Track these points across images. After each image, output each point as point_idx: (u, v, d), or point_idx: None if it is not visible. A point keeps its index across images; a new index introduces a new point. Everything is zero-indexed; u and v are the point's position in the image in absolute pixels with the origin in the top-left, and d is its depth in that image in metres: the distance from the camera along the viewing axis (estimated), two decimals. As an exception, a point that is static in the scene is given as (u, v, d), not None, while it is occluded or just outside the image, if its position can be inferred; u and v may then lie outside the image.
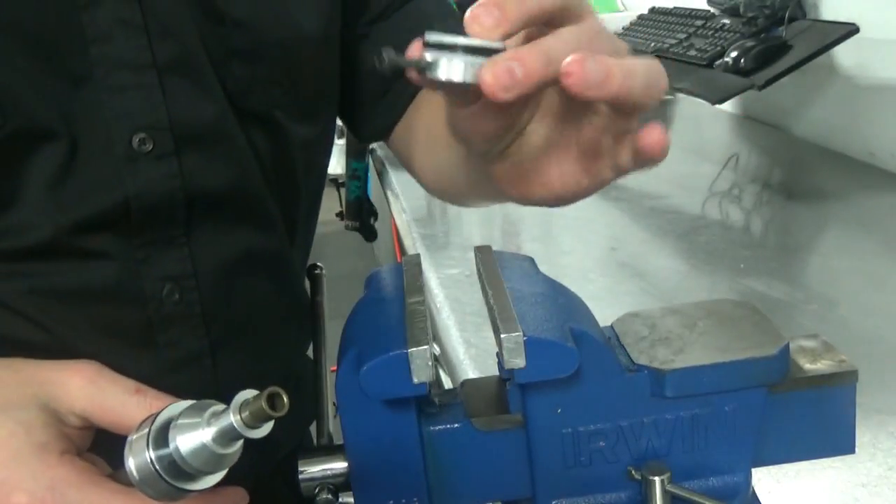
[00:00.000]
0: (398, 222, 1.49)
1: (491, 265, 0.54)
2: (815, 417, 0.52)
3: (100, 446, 0.50)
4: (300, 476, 0.53)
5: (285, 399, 0.38)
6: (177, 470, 0.40)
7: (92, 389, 0.47)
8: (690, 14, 1.73)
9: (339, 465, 0.52)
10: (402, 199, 1.45)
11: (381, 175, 1.71)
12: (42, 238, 0.58)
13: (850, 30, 1.31)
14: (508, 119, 0.47)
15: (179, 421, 0.41)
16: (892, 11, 1.34)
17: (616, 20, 2.01)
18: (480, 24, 0.39)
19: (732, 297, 0.97)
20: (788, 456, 0.54)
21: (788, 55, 1.37)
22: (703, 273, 1.07)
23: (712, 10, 1.67)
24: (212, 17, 0.61)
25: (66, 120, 0.57)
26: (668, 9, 1.85)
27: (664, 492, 0.50)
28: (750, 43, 1.41)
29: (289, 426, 0.78)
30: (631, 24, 1.92)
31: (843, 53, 1.43)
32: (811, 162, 1.52)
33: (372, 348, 0.47)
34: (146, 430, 0.41)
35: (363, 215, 2.61)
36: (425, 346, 0.46)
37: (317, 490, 0.52)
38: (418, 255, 0.57)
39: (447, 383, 1.01)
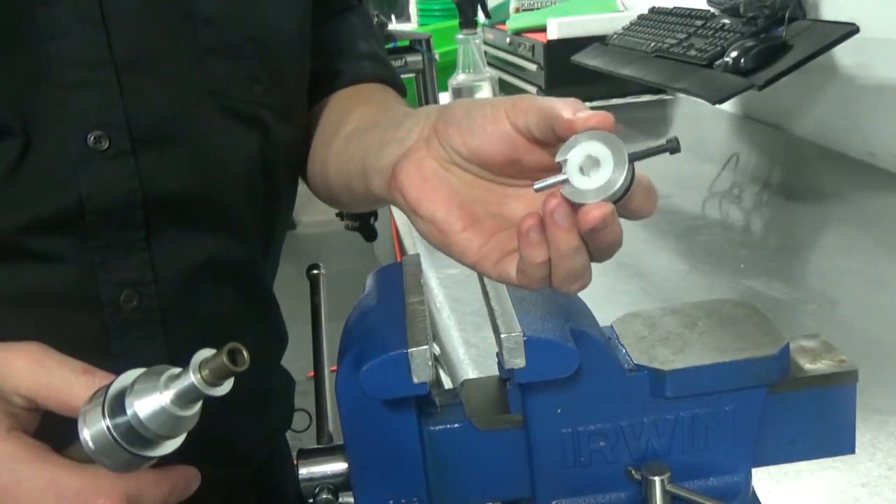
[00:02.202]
0: (398, 222, 1.49)
1: (491, 265, 0.54)
2: (815, 417, 0.52)
3: (45, 434, 0.48)
4: (300, 476, 0.53)
5: (245, 354, 0.38)
6: (135, 436, 0.40)
7: (38, 369, 0.45)
8: (690, 14, 1.72)
9: (339, 465, 0.52)
10: (402, 199, 1.44)
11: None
12: None
13: (850, 30, 1.31)
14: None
15: (135, 387, 0.40)
16: (892, 11, 1.34)
17: (616, 20, 2.01)
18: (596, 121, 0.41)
19: (732, 297, 0.97)
20: (788, 456, 0.54)
21: (788, 55, 1.37)
22: (703, 273, 1.07)
23: (712, 10, 1.66)
24: (178, 13, 0.60)
25: (21, 116, 0.56)
26: (668, 9, 1.85)
27: (664, 492, 0.50)
28: (750, 43, 1.41)
29: (260, 436, 0.77)
30: (631, 24, 1.91)
31: (843, 53, 1.43)
32: (811, 162, 1.52)
33: (372, 348, 0.47)
34: (100, 399, 0.41)
35: (363, 215, 2.61)
36: (425, 346, 0.46)
37: (317, 490, 0.52)
38: (418, 255, 0.57)
39: (447, 383, 1.01)
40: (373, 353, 0.47)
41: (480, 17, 2.10)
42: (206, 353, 0.38)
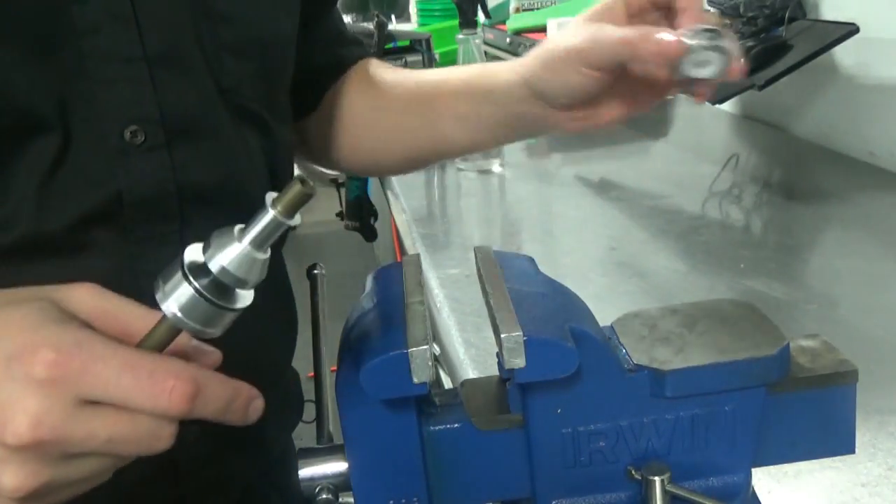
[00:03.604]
0: (398, 222, 1.49)
1: (491, 265, 0.54)
2: (815, 417, 0.52)
3: None
4: (300, 476, 0.53)
5: (312, 182, 0.40)
6: (220, 288, 0.41)
7: (98, 296, 0.46)
8: (690, 14, 1.72)
9: (339, 465, 0.52)
10: (402, 199, 1.45)
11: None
12: (28, 233, 0.57)
13: (850, 30, 1.31)
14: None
15: (211, 244, 0.41)
16: (892, 11, 1.34)
17: (616, 20, 2.01)
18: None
19: (732, 297, 0.97)
20: (788, 456, 0.54)
21: (788, 55, 1.37)
22: (703, 273, 1.07)
23: (712, 10, 1.67)
24: (200, 10, 0.61)
25: (60, 113, 0.57)
26: (668, 9, 1.85)
27: (664, 492, 0.50)
28: (750, 43, 1.41)
29: (275, 429, 0.78)
30: (631, 24, 1.92)
31: (843, 53, 1.43)
32: (811, 162, 1.52)
33: (372, 348, 0.47)
34: (175, 267, 0.41)
35: (363, 215, 2.61)
36: (425, 346, 0.46)
37: (317, 490, 0.52)
38: (418, 255, 0.57)
39: (447, 383, 1.01)
40: (373, 353, 0.47)
41: (480, 17, 2.10)
42: (273, 194, 0.41)
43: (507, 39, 2.28)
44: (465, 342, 0.91)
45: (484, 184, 1.53)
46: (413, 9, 3.07)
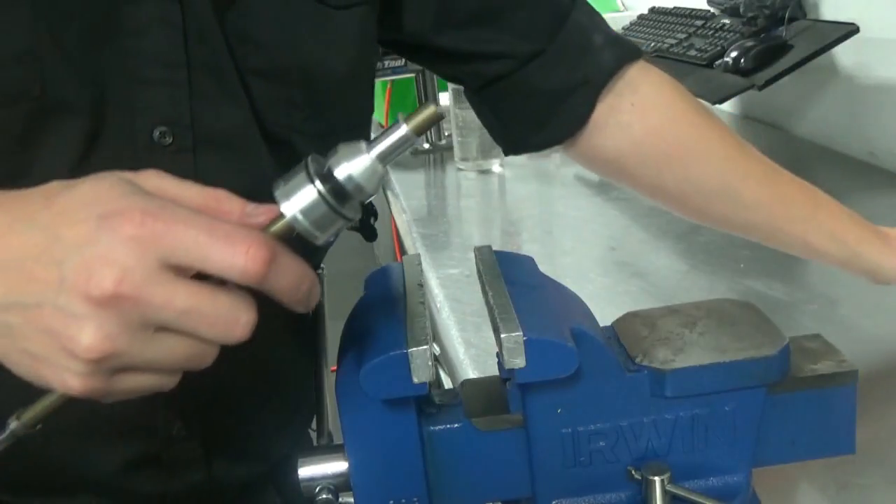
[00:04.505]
0: (398, 222, 1.49)
1: (491, 265, 0.54)
2: (815, 417, 0.52)
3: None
4: (300, 476, 0.53)
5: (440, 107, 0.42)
6: (340, 193, 0.42)
7: (164, 178, 0.46)
8: (690, 14, 1.72)
9: (339, 465, 0.52)
10: (402, 199, 1.45)
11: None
12: None
13: (850, 30, 1.31)
14: None
15: (338, 153, 0.43)
16: (892, 11, 1.33)
17: (616, 20, 2.01)
18: None
19: (732, 297, 0.97)
20: (788, 456, 0.54)
21: (788, 55, 1.37)
22: (703, 273, 1.07)
23: (712, 10, 1.66)
24: (238, 34, 0.63)
25: (94, 104, 0.58)
26: (668, 9, 1.84)
27: (664, 492, 0.50)
28: (750, 43, 1.41)
29: (273, 431, 0.78)
30: (631, 23, 1.91)
31: (843, 53, 1.43)
32: (811, 162, 1.52)
33: (372, 348, 0.47)
34: (299, 170, 0.43)
35: (363, 215, 2.61)
36: (425, 346, 0.46)
37: (317, 490, 0.52)
38: (418, 255, 0.57)
39: (447, 383, 1.01)
40: (373, 353, 0.47)
41: (480, 17, 2.10)
42: (403, 114, 0.43)
43: (507, 39, 2.28)
44: (465, 342, 0.91)
45: (484, 184, 1.53)
46: (413, 9, 3.07)
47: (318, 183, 0.42)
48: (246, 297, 0.42)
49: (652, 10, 1.91)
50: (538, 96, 0.77)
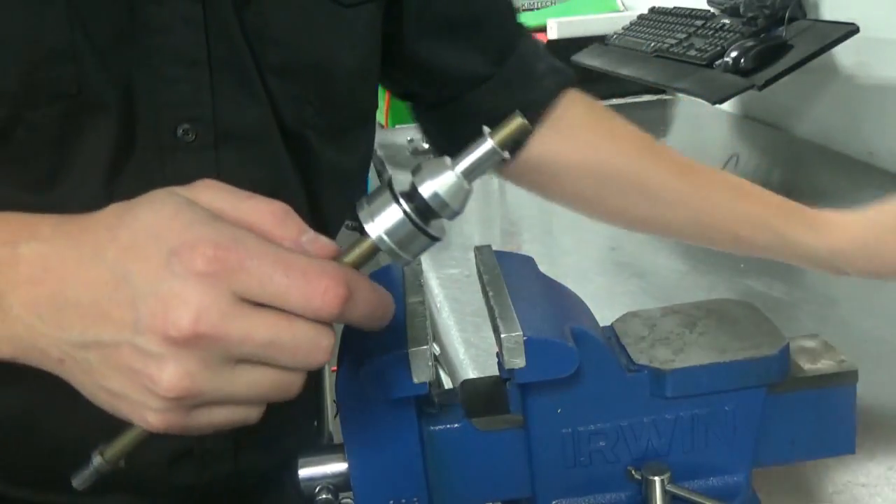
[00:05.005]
0: (398, 222, 1.48)
1: (491, 265, 0.54)
2: (815, 417, 0.52)
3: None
4: (300, 476, 0.53)
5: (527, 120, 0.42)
6: (424, 212, 0.42)
7: (224, 191, 0.44)
8: (690, 14, 1.72)
9: (339, 465, 0.52)
10: (402, 199, 1.44)
11: (381, 175, 1.71)
12: (82, 212, 0.59)
13: (850, 30, 1.31)
14: None
15: (422, 171, 0.42)
16: (892, 11, 1.33)
17: (616, 20, 2.01)
18: None
19: (732, 297, 0.97)
20: (788, 456, 0.54)
21: (788, 55, 1.37)
22: (703, 273, 1.07)
23: (712, 10, 1.66)
24: (256, 32, 0.64)
25: (126, 103, 0.59)
26: (668, 9, 1.84)
27: (664, 492, 0.50)
28: (750, 43, 1.41)
29: (293, 422, 0.78)
30: (631, 24, 1.91)
31: (843, 53, 1.43)
32: (811, 162, 1.52)
33: (372, 348, 0.47)
34: (382, 189, 0.42)
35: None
36: (425, 346, 0.46)
37: (317, 490, 0.52)
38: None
39: (447, 383, 1.01)
40: (373, 353, 0.47)
41: (480, 17, 2.10)
42: (487, 129, 0.42)
43: (507, 39, 2.28)
44: (465, 342, 0.91)
45: (484, 184, 1.53)
46: (413, 9, 3.07)
47: (403, 202, 0.41)
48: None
49: (652, 10, 1.91)
50: (483, 119, 0.78)
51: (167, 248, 0.40)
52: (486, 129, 0.42)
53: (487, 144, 0.41)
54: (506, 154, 0.42)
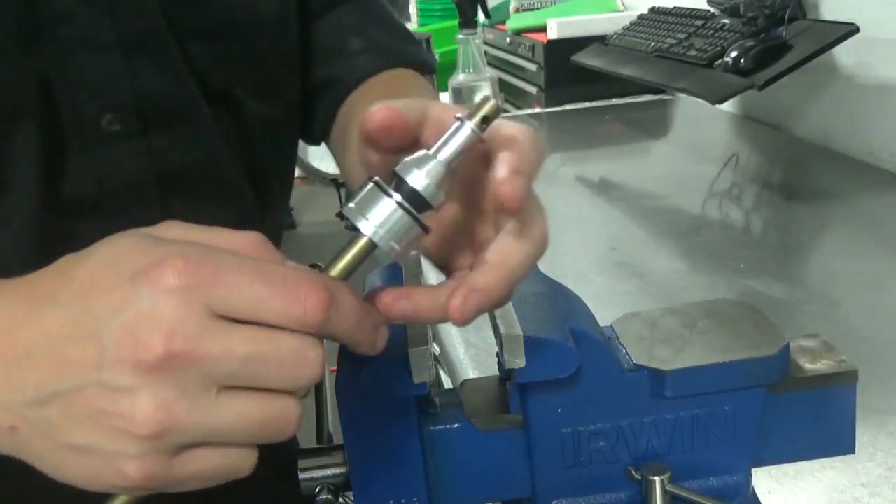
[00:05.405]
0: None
1: (491, 265, 0.54)
2: (815, 417, 0.52)
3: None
4: (300, 476, 0.53)
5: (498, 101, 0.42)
6: (416, 202, 0.41)
7: (187, 228, 0.41)
8: (690, 14, 1.72)
9: (340, 466, 0.52)
10: (402, 199, 1.44)
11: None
12: (28, 224, 0.57)
13: (850, 30, 1.31)
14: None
15: (406, 165, 0.42)
16: (892, 11, 1.34)
17: (616, 20, 2.01)
18: None
19: (732, 296, 0.97)
20: (788, 456, 0.54)
21: (788, 55, 1.37)
22: (703, 273, 1.07)
23: (712, 10, 1.66)
24: None
25: (40, 99, 0.56)
26: (668, 9, 1.85)
27: (664, 492, 0.50)
28: (750, 43, 1.41)
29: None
30: (631, 24, 1.91)
31: (843, 53, 1.43)
32: (811, 162, 1.52)
33: (372, 348, 0.47)
34: (365, 188, 0.41)
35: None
36: (425, 346, 0.46)
37: (317, 490, 0.52)
38: (418, 255, 0.57)
39: (447, 383, 1.01)
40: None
41: (480, 17, 2.10)
42: (461, 113, 0.42)
43: (507, 39, 2.28)
44: (465, 342, 0.91)
45: (484, 184, 1.52)
46: (413, 9, 3.07)
47: (394, 194, 0.41)
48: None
49: (652, 10, 1.91)
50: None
51: (130, 272, 0.36)
52: (457, 114, 0.42)
53: (465, 128, 0.42)
54: (483, 133, 0.42)
